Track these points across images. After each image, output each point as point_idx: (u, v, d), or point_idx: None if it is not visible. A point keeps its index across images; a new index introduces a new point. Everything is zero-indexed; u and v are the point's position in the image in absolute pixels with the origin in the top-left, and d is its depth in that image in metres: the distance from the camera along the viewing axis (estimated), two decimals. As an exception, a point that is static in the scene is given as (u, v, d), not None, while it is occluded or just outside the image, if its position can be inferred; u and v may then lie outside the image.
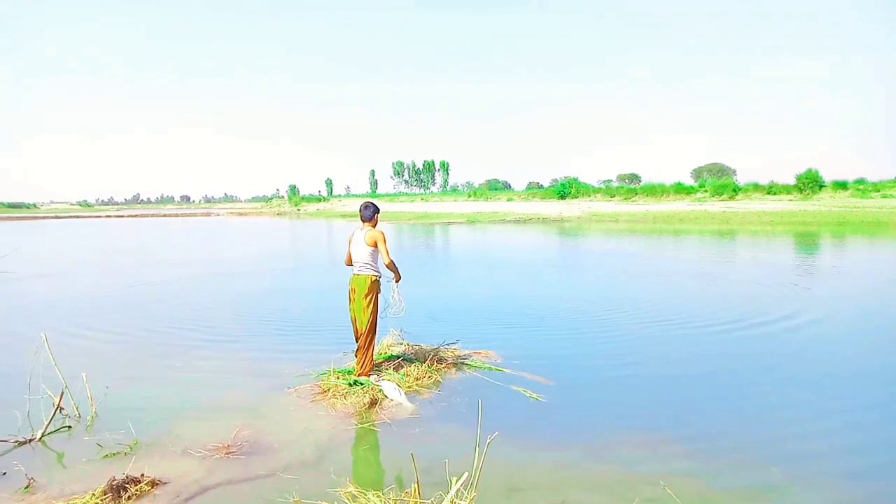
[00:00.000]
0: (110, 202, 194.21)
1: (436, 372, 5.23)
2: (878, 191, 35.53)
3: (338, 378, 4.96)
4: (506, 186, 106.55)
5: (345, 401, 4.57)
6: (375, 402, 4.57)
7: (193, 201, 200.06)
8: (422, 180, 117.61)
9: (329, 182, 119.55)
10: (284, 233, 33.16)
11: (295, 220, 50.62)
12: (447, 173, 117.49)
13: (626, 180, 70.08)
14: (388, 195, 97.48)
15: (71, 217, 68.13)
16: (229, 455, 3.65)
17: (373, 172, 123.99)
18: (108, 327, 7.61)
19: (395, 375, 5.09)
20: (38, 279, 12.75)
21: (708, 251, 17.21)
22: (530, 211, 43.96)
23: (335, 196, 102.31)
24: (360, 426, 4.17)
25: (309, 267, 15.30)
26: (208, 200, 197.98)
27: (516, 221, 37.16)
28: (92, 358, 6.02)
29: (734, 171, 66.58)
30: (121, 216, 70.21)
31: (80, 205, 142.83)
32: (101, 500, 3.05)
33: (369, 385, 4.80)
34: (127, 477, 3.20)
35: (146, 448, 3.79)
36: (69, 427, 4.18)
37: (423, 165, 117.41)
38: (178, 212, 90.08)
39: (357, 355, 5.04)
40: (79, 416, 4.33)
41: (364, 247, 4.92)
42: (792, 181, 38.74)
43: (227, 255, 18.34)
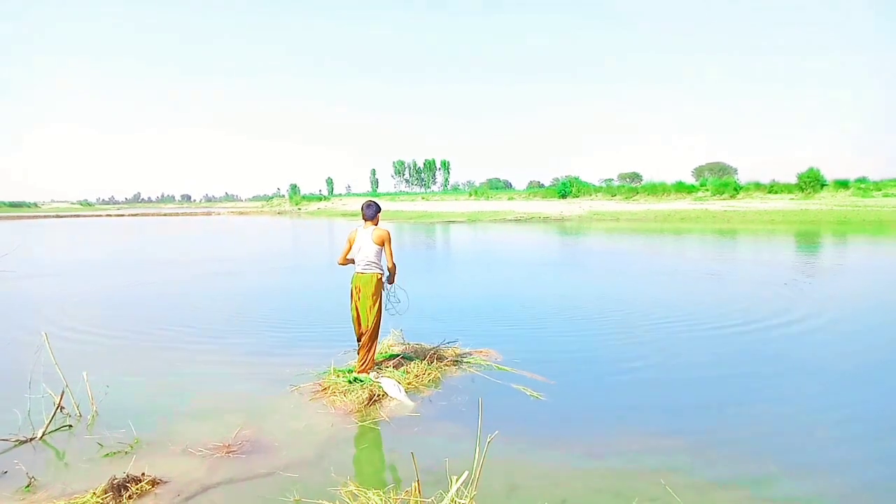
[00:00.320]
0: (111, 201, 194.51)
1: (436, 370, 5.23)
2: (880, 189, 35.50)
3: (338, 376, 4.97)
4: (507, 185, 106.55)
5: (345, 398, 4.57)
6: (375, 398, 4.59)
7: (194, 200, 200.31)
8: (423, 179, 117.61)
9: (330, 181, 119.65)
10: (285, 232, 33.17)
11: (295, 220, 50.62)
12: (448, 172, 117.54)
13: (628, 179, 70.00)
14: (389, 194, 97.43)
15: (71, 216, 68.04)
16: (230, 454, 3.65)
17: (374, 171, 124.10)
18: (109, 326, 7.61)
19: (395, 373, 5.09)
20: (39, 278, 12.76)
21: (709, 250, 17.19)
22: (531, 210, 43.95)
23: (336, 195, 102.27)
24: (361, 424, 4.17)
25: (309, 266, 15.30)
26: (209, 199, 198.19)
27: (517, 221, 37.13)
28: (92, 357, 6.02)
29: (735, 170, 66.57)
30: (121, 215, 70.22)
31: (81, 204, 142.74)
32: (102, 499, 3.06)
33: (369, 382, 4.80)
34: (128, 476, 3.21)
35: (147, 447, 3.79)
36: (70, 426, 4.19)
37: (424, 164, 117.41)
38: (179, 211, 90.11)
39: (359, 353, 5.05)
40: (79, 415, 4.33)
41: (371, 245, 4.92)
42: (793, 180, 38.76)
43: (227, 255, 18.34)
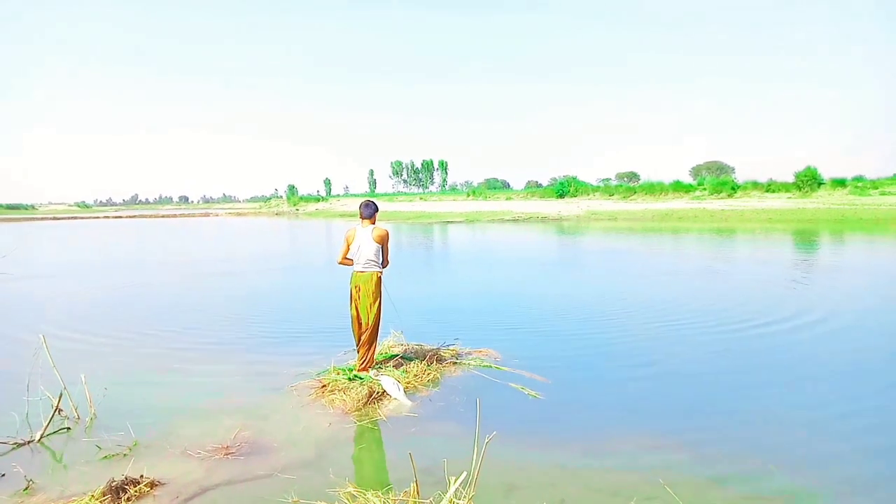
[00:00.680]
0: (109, 203, 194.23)
1: (435, 370, 5.24)
2: (877, 188, 35.69)
3: (338, 374, 4.99)
4: (504, 185, 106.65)
5: (344, 396, 4.59)
6: (374, 396, 4.61)
7: (192, 202, 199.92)
8: (420, 180, 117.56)
9: (328, 182, 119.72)
10: (283, 233, 33.12)
11: (293, 220, 50.54)
12: (446, 172, 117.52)
13: (625, 179, 70.16)
14: (387, 195, 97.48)
15: (69, 218, 67.82)
16: (228, 456, 3.65)
17: (371, 172, 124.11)
18: (107, 328, 7.59)
19: (395, 372, 5.11)
20: (36, 280, 12.73)
21: (707, 249, 17.22)
22: (529, 210, 43.96)
23: (334, 196, 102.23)
24: (359, 424, 4.18)
25: (308, 267, 15.29)
26: (206, 201, 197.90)
27: (515, 221, 37.14)
28: (90, 359, 6.00)
29: (733, 169, 66.95)
30: (119, 217, 69.97)
31: (79, 206, 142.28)
32: (101, 502, 3.06)
33: (369, 380, 4.82)
34: (126, 478, 3.21)
35: (145, 449, 3.79)
36: (68, 428, 4.18)
37: (422, 165, 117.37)
38: (177, 212, 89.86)
39: (359, 351, 5.06)
40: (78, 418, 4.33)
41: (371, 244, 4.93)
42: (791, 179, 38.92)
43: (226, 255, 18.31)
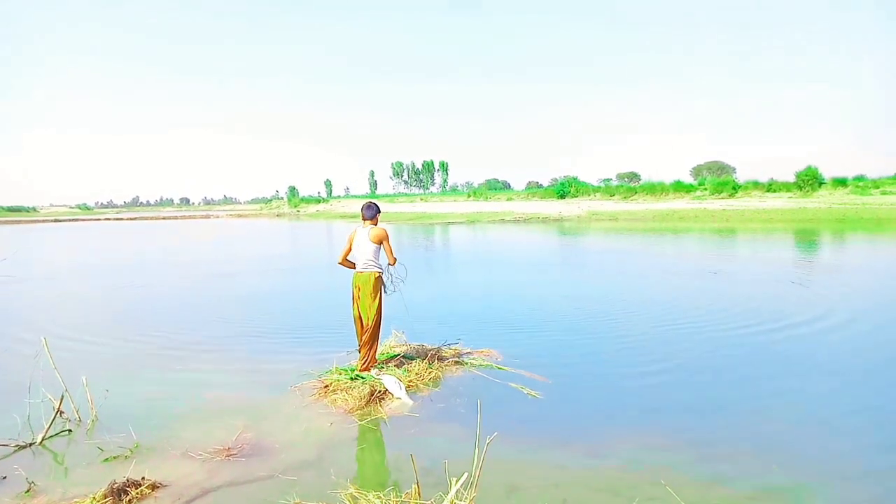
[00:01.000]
0: (110, 205, 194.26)
1: (436, 369, 5.26)
2: (878, 187, 35.56)
3: (340, 374, 5.01)
4: (505, 186, 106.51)
5: (346, 395, 4.60)
6: (376, 395, 4.62)
7: (193, 203, 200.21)
8: (421, 180, 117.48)
9: (328, 183, 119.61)
10: (284, 234, 33.13)
11: (294, 222, 50.59)
12: (446, 173, 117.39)
13: (626, 179, 70.01)
14: (388, 196, 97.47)
15: (70, 220, 67.89)
16: (230, 457, 3.65)
17: (372, 173, 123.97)
18: (108, 330, 7.60)
19: (397, 371, 5.12)
20: (38, 282, 12.74)
21: (709, 249, 17.20)
22: (530, 210, 43.94)
23: (335, 197, 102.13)
24: (361, 424, 4.19)
25: (309, 268, 15.28)
26: (207, 202, 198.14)
27: (516, 221, 37.13)
28: (92, 361, 6.01)
29: (734, 169, 66.67)
30: (120, 219, 70.07)
31: (80, 208, 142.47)
32: (102, 504, 3.05)
33: (370, 379, 4.84)
34: (128, 480, 3.21)
35: (147, 451, 3.79)
36: (69, 430, 4.18)
37: (423, 165, 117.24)
38: (178, 214, 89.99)
39: (360, 351, 5.09)
40: (79, 420, 4.33)
41: (369, 244, 4.98)
42: (792, 178, 38.82)
43: (227, 257, 18.32)
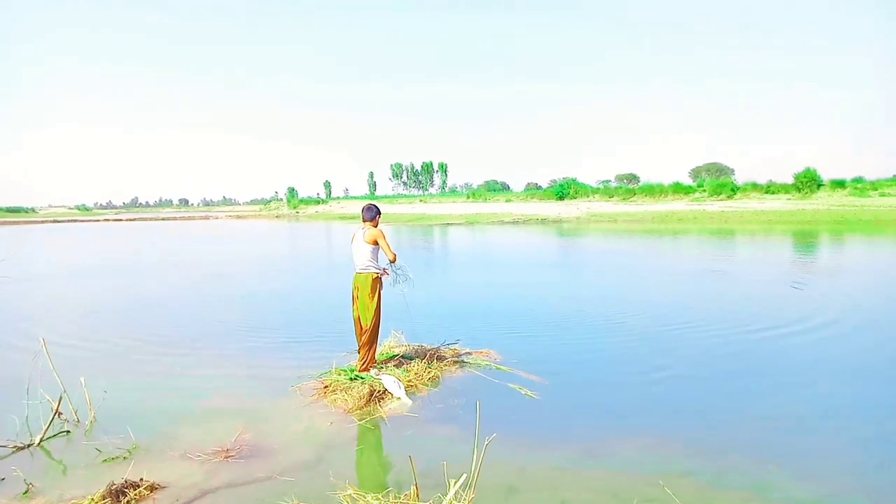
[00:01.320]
0: (109, 206, 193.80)
1: (435, 369, 5.27)
2: (876, 189, 35.63)
3: (339, 374, 5.02)
4: (504, 187, 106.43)
5: (345, 395, 4.61)
6: (375, 394, 4.63)
7: (192, 204, 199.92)
8: (420, 182, 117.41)
9: (328, 184, 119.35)
10: (283, 236, 33.11)
11: (293, 223, 50.56)
12: (446, 175, 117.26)
13: (625, 180, 70.11)
14: (387, 197, 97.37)
15: (69, 221, 67.75)
16: (229, 458, 3.65)
17: (371, 174, 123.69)
18: (107, 331, 7.59)
19: (396, 371, 5.13)
20: (36, 283, 12.72)
21: (708, 251, 17.21)
22: (529, 212, 43.99)
23: (334, 198, 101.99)
24: (360, 424, 4.19)
25: (308, 269, 15.28)
26: (207, 203, 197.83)
27: (515, 223, 37.16)
28: (90, 362, 6.00)
29: (732, 171, 66.89)
30: (119, 220, 69.91)
31: (79, 209, 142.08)
32: (100, 505, 3.05)
33: (370, 379, 4.84)
34: (126, 481, 3.20)
35: (145, 452, 3.79)
36: (68, 432, 4.18)
37: (422, 167, 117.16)
38: (177, 215, 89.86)
39: (360, 352, 5.12)
40: (77, 421, 4.33)
41: (364, 245, 5.01)
42: (790, 180, 38.89)
43: (226, 258, 18.30)
